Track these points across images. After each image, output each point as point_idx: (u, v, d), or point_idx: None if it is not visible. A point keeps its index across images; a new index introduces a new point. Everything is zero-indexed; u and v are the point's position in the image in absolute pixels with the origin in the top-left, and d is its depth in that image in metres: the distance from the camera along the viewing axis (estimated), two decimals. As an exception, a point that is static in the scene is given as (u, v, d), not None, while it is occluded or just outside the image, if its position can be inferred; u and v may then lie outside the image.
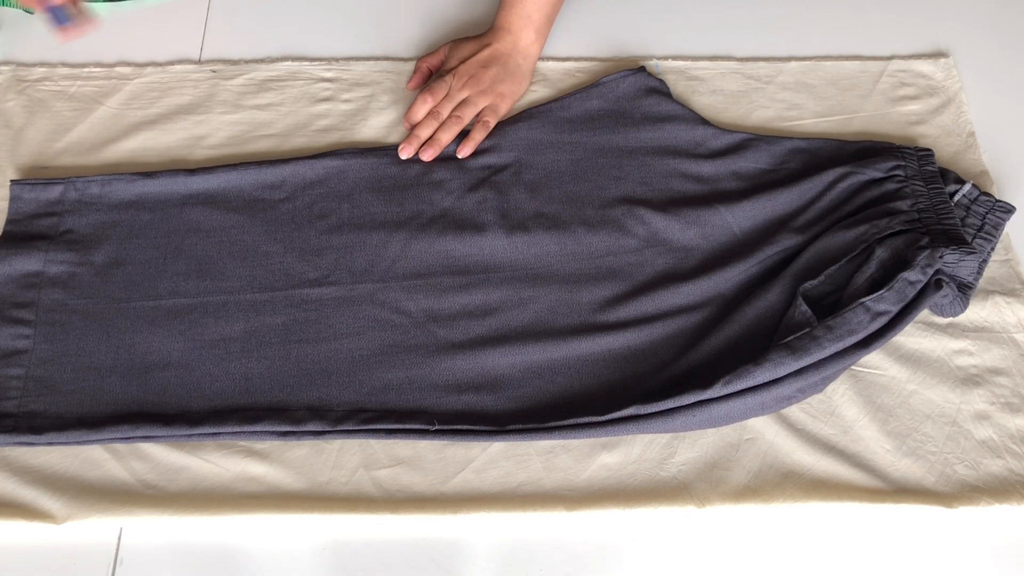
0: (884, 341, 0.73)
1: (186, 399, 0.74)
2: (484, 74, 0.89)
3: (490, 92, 0.89)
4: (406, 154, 0.86)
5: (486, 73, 0.89)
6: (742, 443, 0.73)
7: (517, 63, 0.91)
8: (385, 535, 0.70)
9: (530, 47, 0.92)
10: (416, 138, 0.87)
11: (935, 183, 0.82)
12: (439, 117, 0.88)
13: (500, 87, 0.89)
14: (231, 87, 0.93)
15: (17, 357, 0.75)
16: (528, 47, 0.92)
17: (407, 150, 0.86)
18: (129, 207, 0.83)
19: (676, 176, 0.87)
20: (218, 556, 0.69)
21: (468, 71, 0.90)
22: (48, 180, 0.84)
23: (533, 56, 0.93)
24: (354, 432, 0.72)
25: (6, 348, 0.76)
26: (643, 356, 0.77)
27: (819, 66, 0.97)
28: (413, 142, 0.87)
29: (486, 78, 0.89)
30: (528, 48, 0.92)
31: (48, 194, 0.83)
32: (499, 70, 0.90)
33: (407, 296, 0.79)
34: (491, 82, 0.89)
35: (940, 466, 0.73)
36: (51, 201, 0.83)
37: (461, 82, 0.89)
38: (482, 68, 0.90)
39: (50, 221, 0.82)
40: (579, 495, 0.71)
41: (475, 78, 0.89)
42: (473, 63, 0.90)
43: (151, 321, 0.77)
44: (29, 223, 0.82)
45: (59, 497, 0.69)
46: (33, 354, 0.75)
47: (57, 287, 0.78)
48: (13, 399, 0.73)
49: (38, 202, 0.83)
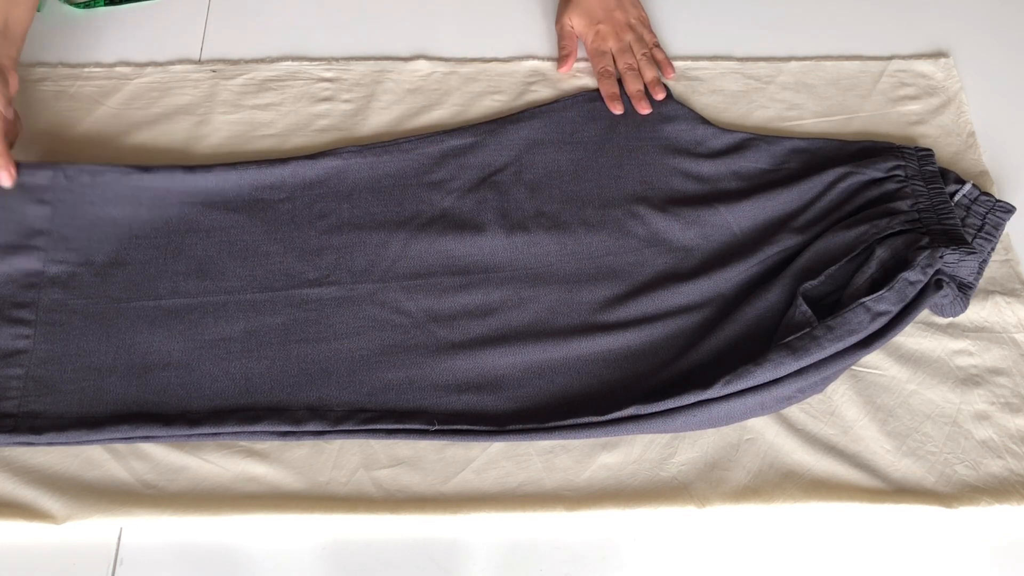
0: (884, 341, 0.73)
1: (186, 399, 0.74)
2: (619, 15, 0.95)
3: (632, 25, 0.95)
4: (618, 109, 0.91)
5: (619, 11, 0.95)
6: (742, 443, 0.73)
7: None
8: (385, 535, 0.70)
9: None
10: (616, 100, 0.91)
11: (935, 183, 0.82)
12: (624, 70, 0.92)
13: (632, 12, 0.96)
14: (231, 87, 0.93)
15: (17, 357, 0.75)
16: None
17: (617, 106, 0.91)
18: (127, 202, 0.82)
19: (676, 176, 0.87)
20: (218, 556, 0.69)
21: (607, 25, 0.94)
22: (37, 164, 0.82)
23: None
24: (354, 432, 0.72)
25: (6, 348, 0.75)
26: (643, 356, 0.77)
27: (819, 66, 0.97)
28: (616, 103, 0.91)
29: (621, 17, 0.95)
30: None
31: (37, 179, 0.81)
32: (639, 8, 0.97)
33: (407, 296, 0.79)
34: (626, 13, 0.95)
35: (940, 466, 0.73)
36: (41, 187, 0.81)
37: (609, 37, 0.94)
38: (614, 11, 0.95)
39: (42, 211, 0.81)
40: (579, 495, 0.71)
41: (614, 23, 0.94)
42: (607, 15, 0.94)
43: (151, 321, 0.77)
44: (21, 211, 0.80)
45: (59, 497, 0.69)
46: (33, 354, 0.75)
47: (57, 287, 0.78)
48: (13, 399, 0.73)
49: (27, 185, 0.81)
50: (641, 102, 0.90)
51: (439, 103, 0.93)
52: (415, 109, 0.92)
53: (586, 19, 0.95)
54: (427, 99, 0.93)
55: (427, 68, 0.95)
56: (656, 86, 0.92)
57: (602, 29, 0.94)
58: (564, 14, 0.96)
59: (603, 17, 0.95)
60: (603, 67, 0.93)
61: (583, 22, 0.95)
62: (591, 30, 0.94)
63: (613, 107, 0.90)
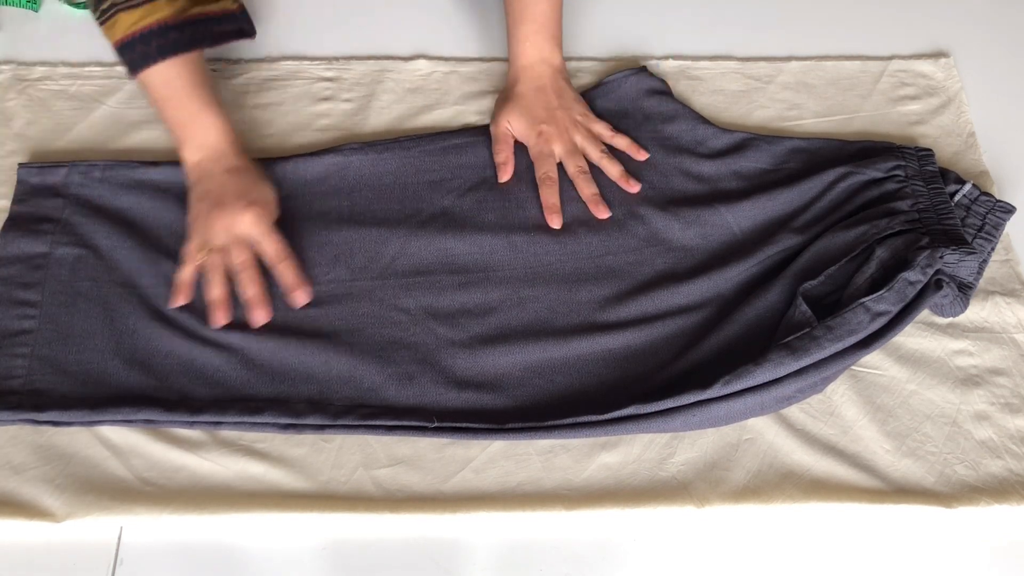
0: (884, 341, 0.73)
1: (188, 386, 0.74)
2: (561, 114, 0.86)
3: (579, 122, 0.86)
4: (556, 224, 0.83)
5: (561, 111, 0.86)
6: (742, 443, 0.73)
7: (566, 79, 0.88)
8: (385, 534, 0.70)
9: (555, 58, 0.88)
10: (556, 213, 0.82)
11: (935, 183, 0.82)
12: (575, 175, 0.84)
13: (576, 109, 0.87)
14: (231, 87, 0.93)
15: (23, 336, 0.76)
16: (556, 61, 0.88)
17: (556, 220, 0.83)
18: (133, 193, 0.84)
19: (677, 175, 0.87)
20: (218, 555, 0.69)
21: (551, 126, 0.86)
22: (53, 164, 0.85)
23: (563, 65, 0.89)
24: (354, 427, 0.72)
25: (12, 328, 0.76)
26: (642, 356, 0.77)
27: (819, 66, 0.97)
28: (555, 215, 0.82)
29: (563, 117, 0.86)
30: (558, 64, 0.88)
31: (52, 176, 0.84)
32: (560, 96, 0.87)
33: (406, 293, 0.79)
34: (569, 112, 0.86)
35: (940, 466, 0.73)
36: (56, 184, 0.84)
37: (554, 138, 0.85)
38: (556, 111, 0.86)
39: (54, 203, 0.83)
40: (579, 495, 0.71)
41: (558, 124, 0.86)
42: (549, 116, 0.86)
43: (154, 308, 0.78)
44: (35, 204, 0.83)
45: (58, 495, 0.69)
46: (39, 334, 0.76)
47: (63, 269, 0.79)
48: (19, 377, 0.74)
49: (43, 184, 0.84)
50: (599, 207, 0.83)
51: (439, 103, 0.93)
52: (415, 109, 0.92)
53: (527, 120, 0.86)
54: (427, 99, 0.93)
55: (427, 68, 0.95)
56: (626, 179, 0.85)
57: (545, 130, 0.85)
58: (501, 115, 0.87)
59: (545, 117, 0.85)
60: (545, 173, 0.84)
61: (523, 124, 0.86)
62: (533, 131, 0.85)
63: (552, 220, 0.82)
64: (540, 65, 0.88)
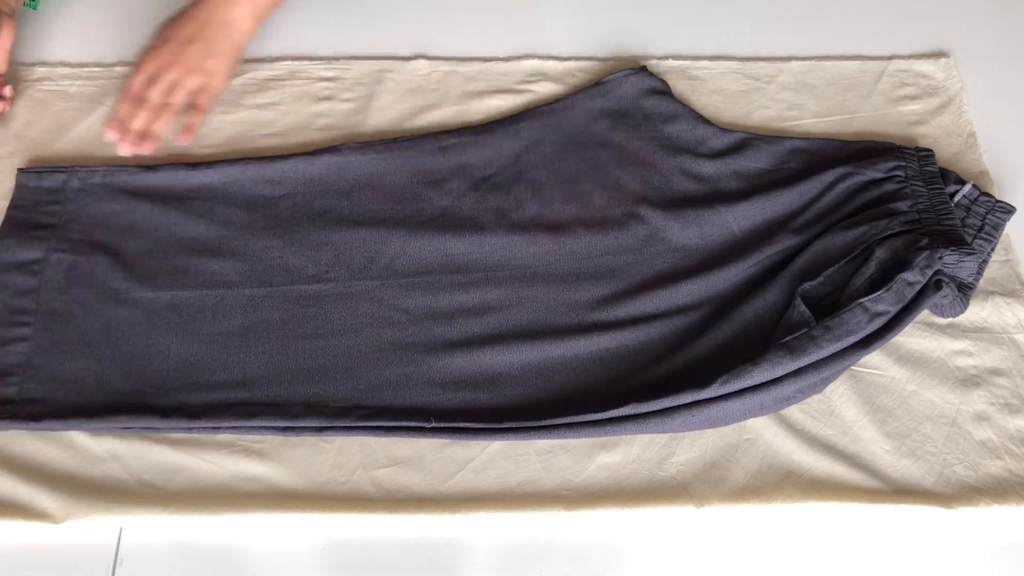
0: (884, 342, 0.73)
1: (184, 392, 0.74)
2: (189, 51, 0.84)
3: (198, 70, 0.84)
4: (125, 151, 0.83)
5: (191, 50, 0.84)
6: (741, 443, 0.73)
7: (226, 34, 0.86)
8: (384, 535, 0.70)
9: (242, 22, 0.86)
10: (129, 132, 0.82)
11: (935, 184, 0.82)
12: (149, 104, 0.83)
13: (208, 63, 0.84)
14: (231, 86, 0.93)
15: (18, 344, 0.76)
16: (240, 21, 0.86)
17: (125, 146, 0.82)
18: (131, 198, 0.83)
19: (676, 175, 0.87)
20: (218, 555, 0.69)
21: (172, 49, 0.84)
22: (52, 168, 0.85)
23: (244, 32, 0.87)
24: (351, 429, 0.72)
25: (7, 335, 0.76)
26: (641, 355, 0.77)
27: (819, 66, 0.97)
28: (128, 137, 0.82)
29: (192, 55, 0.84)
30: (240, 23, 0.86)
31: (51, 181, 0.84)
32: (206, 44, 0.84)
33: (405, 293, 0.79)
34: (198, 59, 0.84)
35: (939, 467, 0.73)
36: (54, 188, 0.84)
37: (165, 62, 0.84)
38: (186, 45, 0.84)
39: (52, 208, 0.83)
40: (578, 495, 0.71)
41: (179, 56, 0.84)
42: (177, 40, 0.85)
43: (150, 313, 0.78)
44: (32, 209, 0.82)
45: (57, 496, 0.69)
46: (34, 341, 0.76)
47: (59, 276, 0.79)
48: (14, 385, 0.74)
49: (41, 189, 0.84)
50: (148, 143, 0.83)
51: (439, 103, 0.93)
52: (415, 109, 0.92)
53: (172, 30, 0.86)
54: (427, 99, 0.93)
55: (427, 68, 0.95)
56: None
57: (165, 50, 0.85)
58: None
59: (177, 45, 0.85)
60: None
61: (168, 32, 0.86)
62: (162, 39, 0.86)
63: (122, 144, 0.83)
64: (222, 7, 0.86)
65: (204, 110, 0.85)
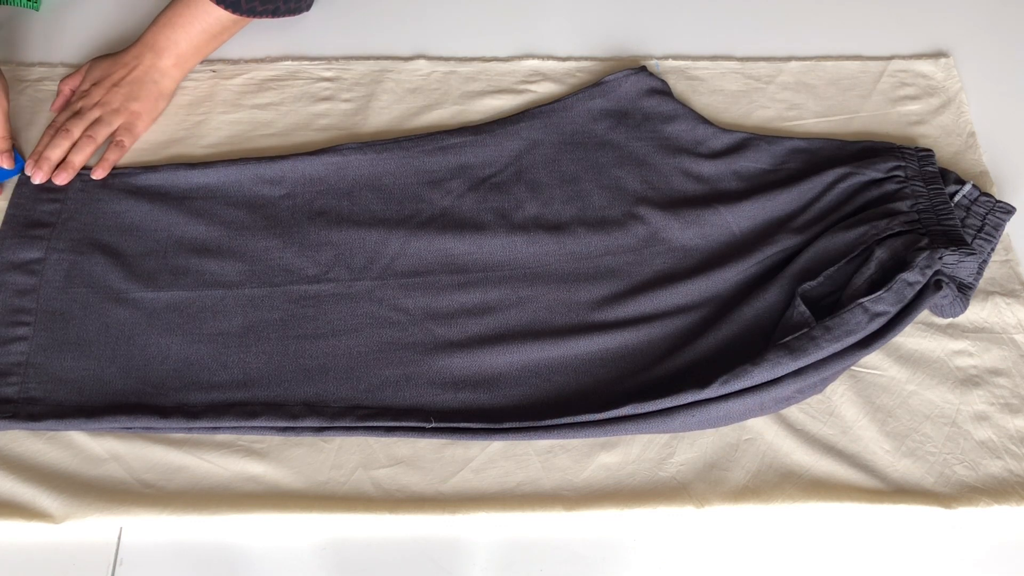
0: (884, 342, 0.73)
1: (184, 392, 0.74)
2: (116, 93, 0.88)
3: (123, 111, 0.87)
4: (38, 179, 0.83)
5: (118, 92, 0.88)
6: (741, 443, 0.73)
7: (154, 80, 0.89)
8: (384, 535, 0.70)
9: (169, 69, 0.90)
10: (46, 160, 0.84)
11: (935, 184, 0.82)
12: (71, 137, 0.85)
13: (133, 105, 0.88)
14: (231, 87, 0.93)
15: (18, 343, 0.76)
16: (167, 69, 0.90)
17: (38, 174, 0.83)
18: (132, 198, 0.84)
19: (677, 175, 0.87)
20: (218, 555, 0.69)
21: (101, 90, 0.88)
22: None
23: (172, 78, 0.90)
24: (351, 429, 0.72)
25: (7, 335, 0.76)
26: (640, 355, 0.77)
27: (819, 66, 0.97)
28: (43, 165, 0.84)
29: (118, 97, 0.88)
30: (167, 70, 0.90)
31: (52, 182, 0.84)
32: (132, 88, 0.88)
33: (405, 294, 0.79)
34: (123, 100, 0.88)
35: (939, 467, 0.73)
36: (54, 188, 0.84)
37: (93, 101, 0.87)
38: (115, 87, 0.88)
39: (52, 208, 0.83)
40: (578, 495, 0.71)
41: (108, 96, 0.88)
42: (107, 82, 0.88)
43: (150, 313, 0.78)
44: (32, 209, 0.83)
45: (57, 496, 0.69)
46: (34, 341, 0.76)
47: (59, 276, 0.79)
48: (14, 385, 0.74)
49: (41, 189, 0.84)
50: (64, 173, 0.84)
51: (439, 103, 0.93)
52: (415, 109, 0.92)
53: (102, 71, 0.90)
54: (427, 99, 0.93)
55: (427, 68, 0.95)
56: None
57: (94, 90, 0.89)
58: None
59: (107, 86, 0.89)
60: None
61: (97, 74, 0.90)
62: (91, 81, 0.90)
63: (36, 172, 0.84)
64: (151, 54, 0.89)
65: (125, 149, 0.87)
